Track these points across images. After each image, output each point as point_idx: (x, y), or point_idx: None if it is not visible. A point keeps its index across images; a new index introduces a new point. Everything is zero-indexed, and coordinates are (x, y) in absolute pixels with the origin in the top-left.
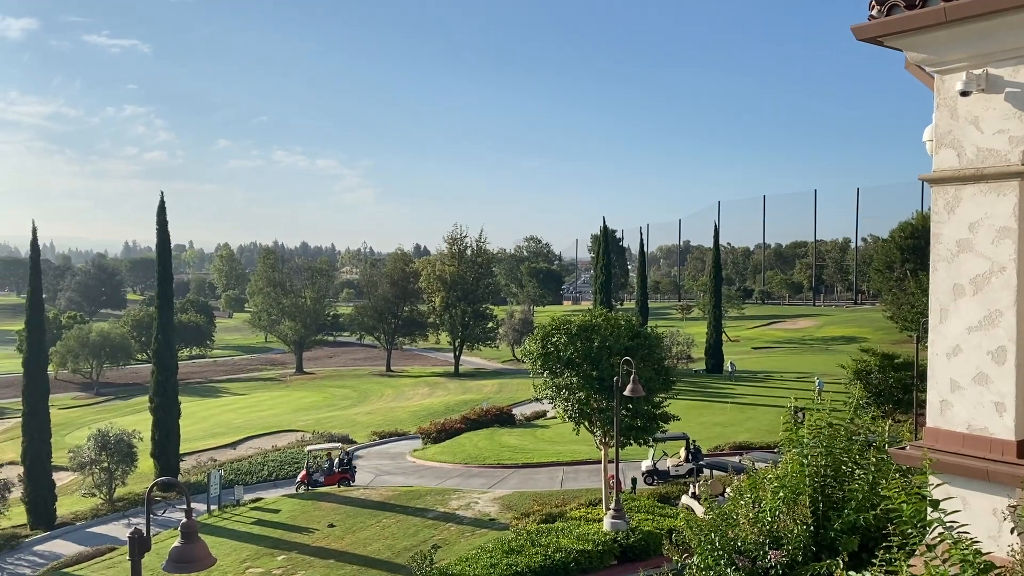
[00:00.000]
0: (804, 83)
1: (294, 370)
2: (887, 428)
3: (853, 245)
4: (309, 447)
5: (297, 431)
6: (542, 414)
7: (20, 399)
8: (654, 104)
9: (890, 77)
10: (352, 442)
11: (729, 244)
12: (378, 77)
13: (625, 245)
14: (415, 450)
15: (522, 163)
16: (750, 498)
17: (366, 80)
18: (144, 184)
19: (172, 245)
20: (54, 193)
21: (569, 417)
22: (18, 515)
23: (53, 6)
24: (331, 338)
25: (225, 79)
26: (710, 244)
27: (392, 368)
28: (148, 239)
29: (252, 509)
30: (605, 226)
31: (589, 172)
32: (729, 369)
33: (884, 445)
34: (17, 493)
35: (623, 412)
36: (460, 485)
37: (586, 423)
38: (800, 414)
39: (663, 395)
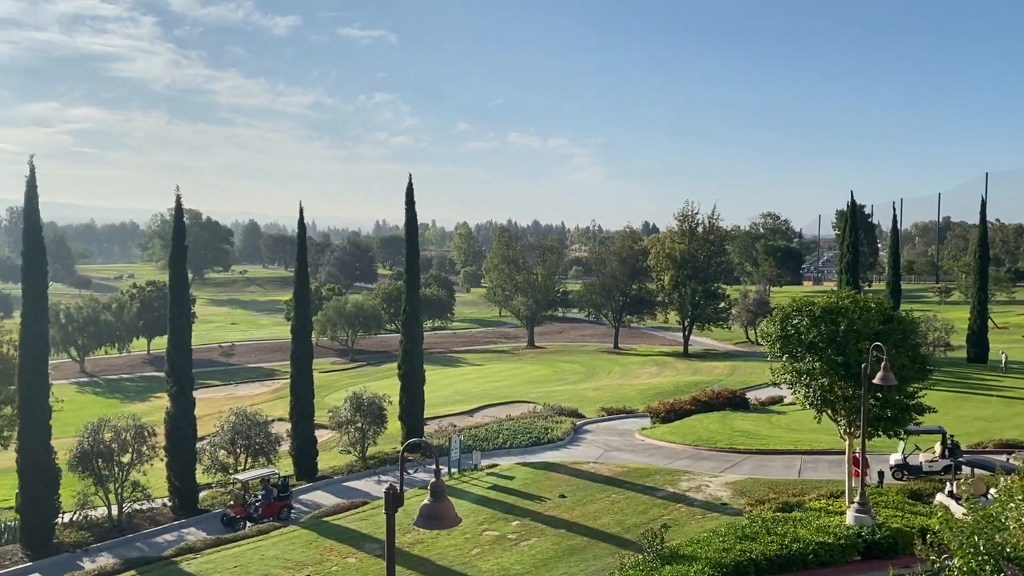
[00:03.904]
0: None
1: (526, 344)
2: None
3: None
4: (236, 476)
5: (529, 402)
6: (779, 399)
7: (288, 362)
8: (909, 66)
9: None
10: (581, 416)
11: (998, 220)
12: (608, 55)
13: (875, 222)
14: (643, 428)
15: (759, 135)
16: (1022, 500)
17: (597, 59)
18: (391, 167)
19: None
20: (314, 176)
21: (810, 404)
22: (286, 466)
23: (314, 3)
24: (560, 314)
25: (464, 64)
26: (974, 220)
27: (620, 345)
28: (396, 218)
29: (488, 474)
30: (853, 201)
31: (835, 143)
32: (1001, 360)
33: None
34: (285, 447)
35: (871, 401)
36: (690, 467)
37: (829, 411)
38: None
39: (917, 385)
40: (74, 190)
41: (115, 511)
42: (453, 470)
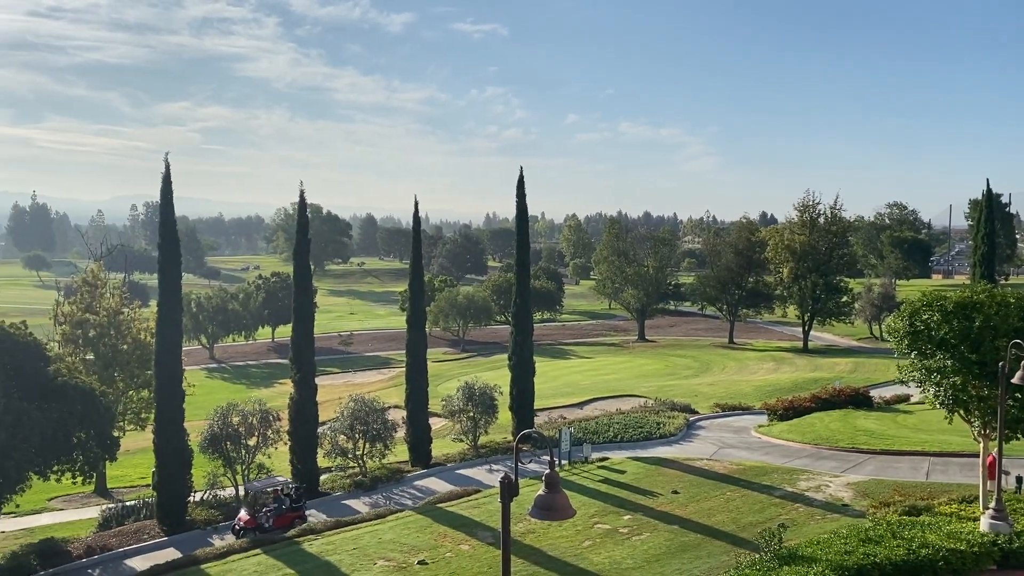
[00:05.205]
0: None
1: (636, 337)
2: None
3: None
4: (248, 484)
5: (640, 396)
6: (905, 398)
7: (403, 351)
8: None
9: None
10: (695, 411)
11: None
12: (724, 41)
13: (1012, 211)
14: (760, 426)
15: (884, 121)
16: None
17: (712, 45)
18: (501, 160)
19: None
20: (427, 169)
21: (940, 403)
22: (401, 453)
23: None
24: (672, 307)
25: (575, 55)
26: None
27: (735, 340)
28: (505, 211)
29: (599, 467)
30: (988, 189)
31: (968, 128)
32: None
33: None
34: (400, 433)
35: (1009, 402)
36: (809, 466)
37: (961, 411)
38: None
39: None
40: (203, 185)
41: (242, 491)
42: (563, 462)
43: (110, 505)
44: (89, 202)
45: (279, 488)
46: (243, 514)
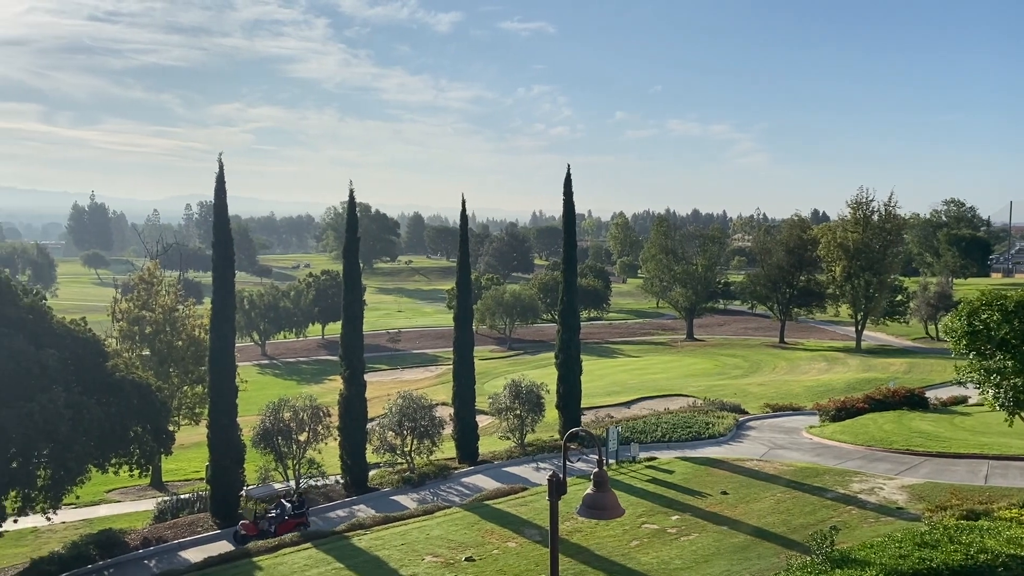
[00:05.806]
0: None
1: (684, 336)
2: None
3: None
4: (250, 490)
5: (688, 396)
6: (962, 400)
7: (450, 349)
8: None
9: None
10: (744, 412)
11: None
12: (775, 38)
13: None
14: (811, 427)
15: (941, 116)
16: None
17: (762, 42)
18: (548, 158)
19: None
20: (474, 168)
21: (1000, 405)
22: (448, 449)
23: None
24: (721, 306)
25: (622, 52)
26: None
27: (786, 340)
28: (552, 209)
29: (647, 467)
30: None
31: None
32: None
33: None
34: (448, 430)
35: None
36: (862, 468)
37: (1022, 413)
38: None
39: None
40: (255, 184)
41: (292, 486)
42: (610, 461)
43: (165, 498)
44: (145, 201)
45: (284, 495)
46: (244, 520)
